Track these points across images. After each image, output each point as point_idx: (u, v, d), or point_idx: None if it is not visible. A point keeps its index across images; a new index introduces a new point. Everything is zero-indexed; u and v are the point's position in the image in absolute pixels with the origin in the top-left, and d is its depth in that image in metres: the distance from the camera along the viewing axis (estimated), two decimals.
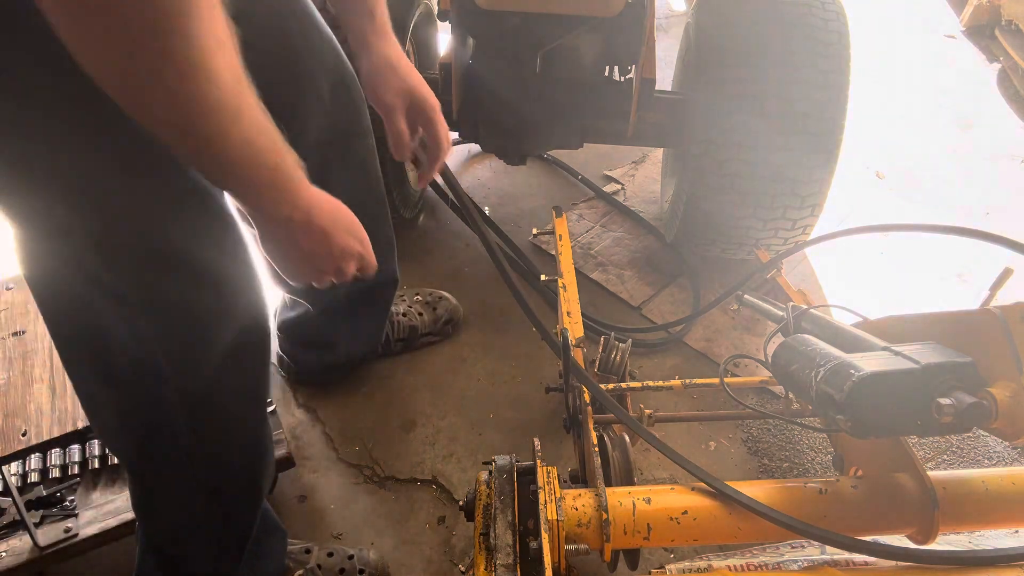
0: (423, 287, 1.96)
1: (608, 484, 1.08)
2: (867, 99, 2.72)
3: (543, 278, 1.72)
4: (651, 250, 2.18)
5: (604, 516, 0.96)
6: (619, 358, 1.42)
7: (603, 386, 1.30)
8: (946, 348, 0.92)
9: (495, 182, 2.43)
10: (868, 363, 0.89)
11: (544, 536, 0.89)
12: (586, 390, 1.24)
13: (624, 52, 1.73)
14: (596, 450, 1.10)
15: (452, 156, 2.48)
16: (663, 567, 1.32)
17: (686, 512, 0.98)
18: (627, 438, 1.20)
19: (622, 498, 0.99)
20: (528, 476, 0.98)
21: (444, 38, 1.90)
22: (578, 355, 1.37)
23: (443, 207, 2.28)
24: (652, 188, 2.40)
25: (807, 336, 1.04)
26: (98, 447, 1.41)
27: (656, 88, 1.81)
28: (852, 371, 0.87)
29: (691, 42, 1.86)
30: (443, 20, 1.76)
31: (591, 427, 1.18)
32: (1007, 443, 1.66)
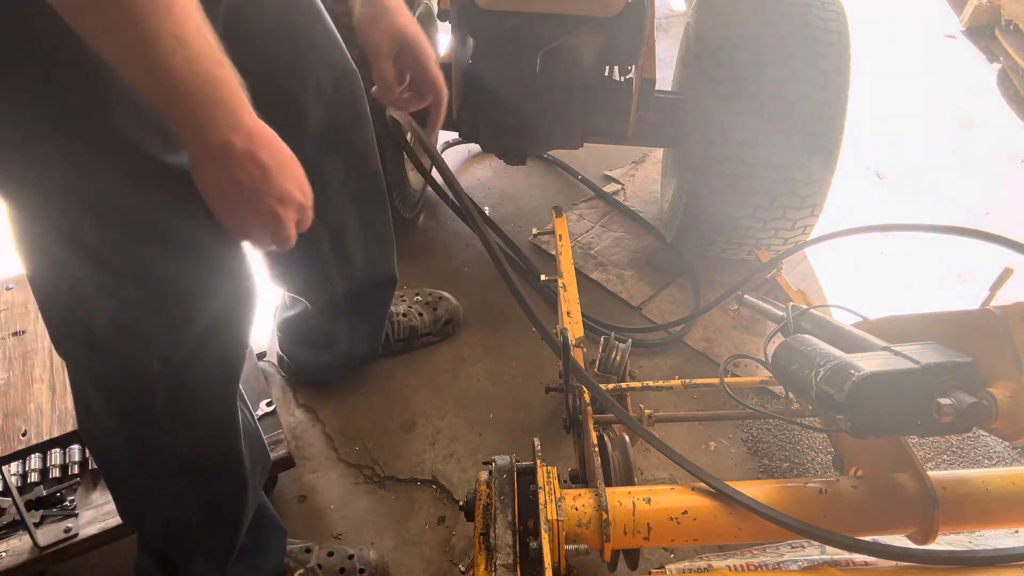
0: (423, 287, 1.96)
1: (608, 484, 1.08)
2: (867, 99, 2.71)
3: (543, 278, 1.72)
4: (651, 250, 2.18)
5: (604, 516, 0.96)
6: (619, 358, 1.42)
7: (603, 386, 1.30)
8: (946, 348, 0.92)
9: (495, 182, 2.43)
10: (868, 363, 0.89)
11: (544, 536, 0.89)
12: (586, 390, 1.24)
13: (624, 52, 1.72)
14: (596, 450, 1.10)
15: (452, 156, 2.49)
16: (663, 567, 1.32)
17: (686, 512, 0.98)
18: (627, 438, 1.20)
19: (622, 498, 0.99)
20: (528, 476, 0.98)
21: (444, 38, 1.90)
22: (578, 355, 1.37)
23: (443, 207, 2.28)
24: (652, 188, 2.40)
25: (807, 336, 1.04)
26: None
27: (656, 88, 1.81)
28: (852, 371, 0.87)
29: (691, 42, 1.86)
30: (443, 20, 1.76)
31: (591, 427, 1.18)
32: (1007, 443, 1.66)
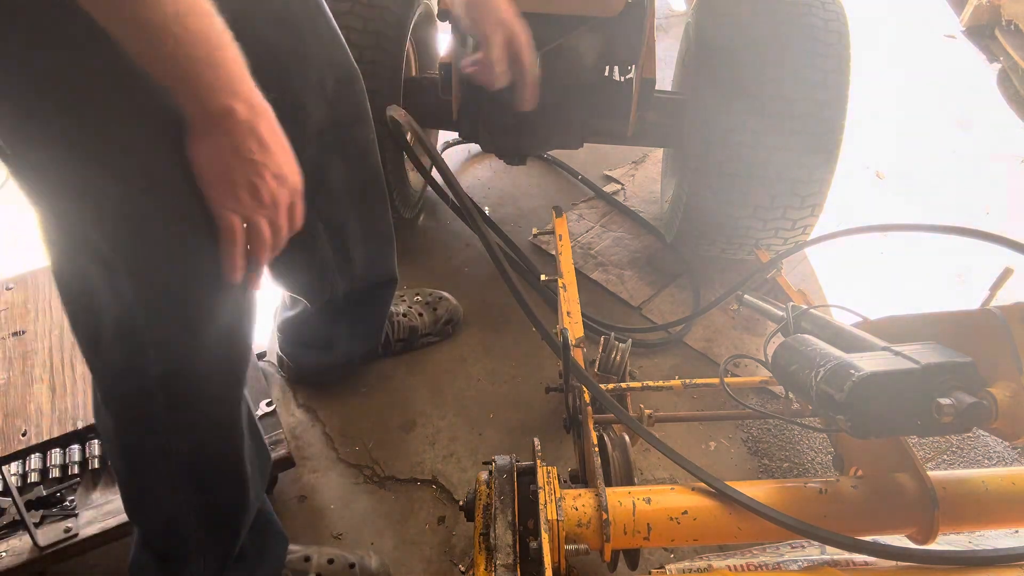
0: (423, 287, 1.96)
1: (608, 484, 1.08)
2: (867, 99, 2.71)
3: (543, 278, 1.72)
4: (651, 250, 2.18)
5: (604, 516, 0.96)
6: (619, 358, 1.42)
7: (603, 386, 1.30)
8: (946, 348, 0.92)
9: (495, 182, 2.42)
10: (868, 363, 0.89)
11: (544, 536, 0.89)
12: (586, 390, 1.24)
13: (624, 52, 1.72)
14: (596, 450, 1.10)
15: (452, 156, 2.49)
16: (663, 567, 1.32)
17: (686, 512, 0.98)
18: (627, 438, 1.20)
19: (622, 498, 0.99)
20: (528, 476, 0.98)
21: (444, 38, 1.90)
22: (578, 355, 1.37)
23: (443, 207, 2.28)
24: (652, 188, 2.40)
25: (807, 336, 1.04)
26: (98, 447, 1.41)
27: (656, 88, 1.81)
28: (852, 371, 0.87)
29: (691, 42, 1.86)
30: (443, 20, 1.76)
31: (591, 427, 1.18)
32: (1007, 443, 1.66)
